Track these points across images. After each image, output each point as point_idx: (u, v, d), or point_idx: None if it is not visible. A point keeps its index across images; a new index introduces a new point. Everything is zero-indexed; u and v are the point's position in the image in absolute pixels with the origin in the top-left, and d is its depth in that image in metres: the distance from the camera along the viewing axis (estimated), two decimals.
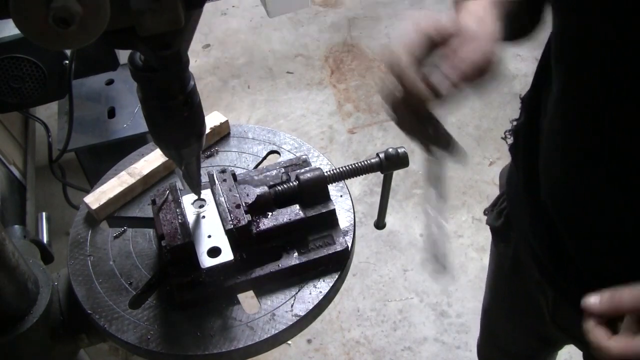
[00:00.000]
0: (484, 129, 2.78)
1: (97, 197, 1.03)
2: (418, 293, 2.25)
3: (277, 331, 0.86)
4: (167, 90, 0.72)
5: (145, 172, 1.06)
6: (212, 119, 1.14)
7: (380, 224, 0.98)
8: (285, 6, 2.10)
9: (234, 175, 0.98)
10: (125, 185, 1.04)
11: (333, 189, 1.03)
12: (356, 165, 0.94)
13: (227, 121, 1.15)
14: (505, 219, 1.09)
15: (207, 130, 1.08)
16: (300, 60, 3.21)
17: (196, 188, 0.91)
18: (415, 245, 2.38)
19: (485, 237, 2.39)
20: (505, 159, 2.65)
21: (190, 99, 0.74)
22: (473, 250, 2.36)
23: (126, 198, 1.05)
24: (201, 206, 0.95)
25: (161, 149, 0.83)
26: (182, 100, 0.73)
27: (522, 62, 3.07)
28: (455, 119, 2.82)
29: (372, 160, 0.95)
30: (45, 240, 1.10)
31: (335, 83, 3.07)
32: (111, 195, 1.03)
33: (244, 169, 1.10)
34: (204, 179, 0.98)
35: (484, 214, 1.19)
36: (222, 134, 1.16)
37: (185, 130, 0.78)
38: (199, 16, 0.66)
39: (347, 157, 2.71)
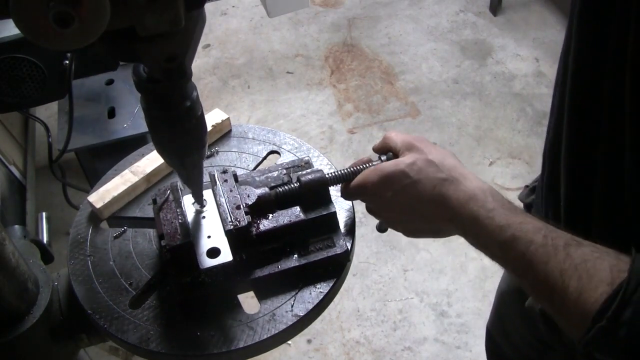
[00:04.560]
0: (484, 129, 2.78)
1: (101, 196, 1.02)
2: (418, 293, 2.25)
3: (277, 331, 0.86)
4: (170, 101, 0.72)
5: (149, 170, 1.06)
6: (213, 116, 1.14)
7: (382, 227, 0.98)
8: (285, 6, 2.10)
9: (235, 176, 0.97)
10: (129, 184, 1.04)
11: (334, 189, 1.03)
12: (357, 167, 0.94)
13: (228, 118, 1.15)
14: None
15: (209, 129, 1.08)
16: (300, 60, 3.21)
17: (199, 198, 0.91)
18: (416, 245, 2.38)
19: None
20: (505, 159, 2.66)
21: (193, 110, 0.75)
22: (473, 250, 2.35)
23: (130, 196, 1.05)
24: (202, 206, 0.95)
25: (164, 158, 0.84)
26: (185, 111, 0.74)
27: (522, 62, 3.07)
28: (456, 119, 2.82)
29: (373, 161, 0.95)
30: (45, 240, 1.10)
31: (335, 83, 3.06)
32: (115, 193, 1.02)
33: (244, 169, 1.10)
34: (205, 179, 0.98)
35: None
36: (224, 131, 1.16)
37: (188, 141, 0.78)
38: (203, 26, 0.67)
39: (347, 157, 2.70)
